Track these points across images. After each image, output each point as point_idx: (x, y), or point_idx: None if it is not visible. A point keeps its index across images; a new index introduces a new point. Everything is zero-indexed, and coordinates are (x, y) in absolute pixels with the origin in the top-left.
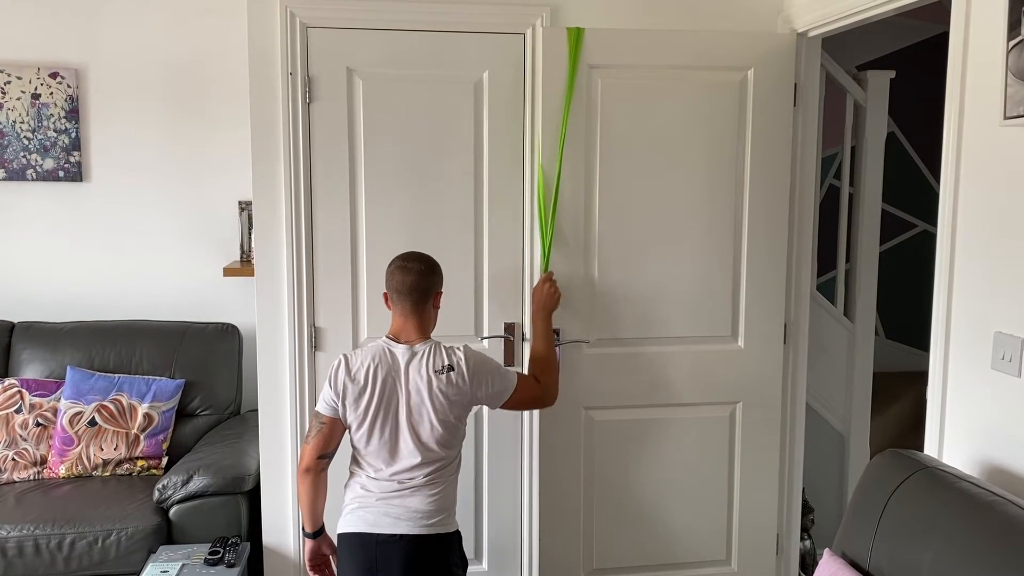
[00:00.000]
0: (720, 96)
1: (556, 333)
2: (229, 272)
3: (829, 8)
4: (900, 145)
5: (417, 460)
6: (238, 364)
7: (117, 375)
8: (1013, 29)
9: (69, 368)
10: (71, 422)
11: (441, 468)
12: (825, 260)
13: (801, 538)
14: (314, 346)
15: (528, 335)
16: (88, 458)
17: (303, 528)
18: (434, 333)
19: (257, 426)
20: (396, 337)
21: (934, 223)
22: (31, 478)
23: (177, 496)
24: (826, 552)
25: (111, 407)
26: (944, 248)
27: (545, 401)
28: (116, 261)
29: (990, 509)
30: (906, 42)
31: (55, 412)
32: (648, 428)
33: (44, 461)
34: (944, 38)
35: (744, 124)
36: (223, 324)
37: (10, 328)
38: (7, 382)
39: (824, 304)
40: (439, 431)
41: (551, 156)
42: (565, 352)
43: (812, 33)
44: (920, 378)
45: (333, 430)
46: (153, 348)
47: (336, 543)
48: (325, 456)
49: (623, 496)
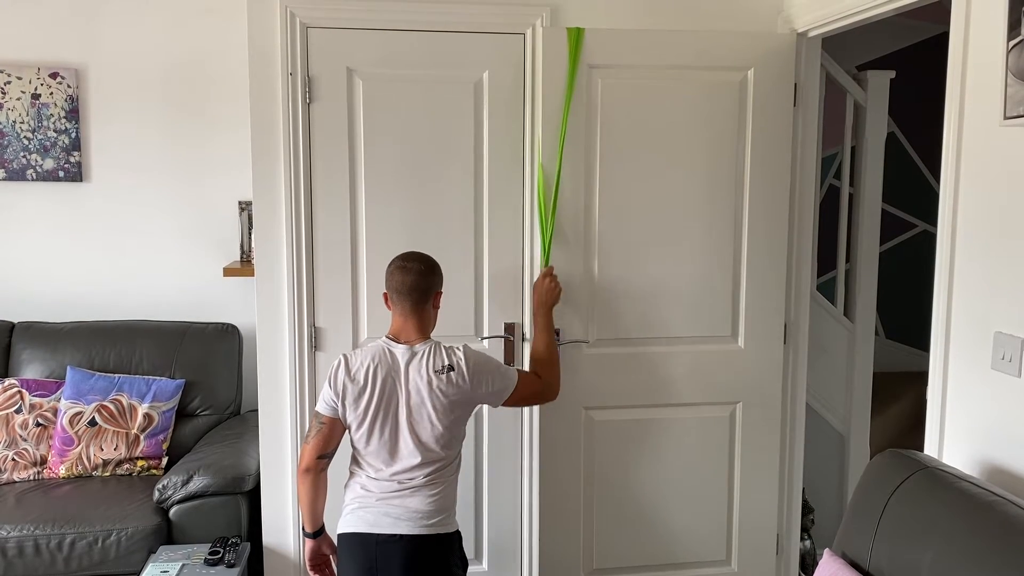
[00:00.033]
0: (720, 96)
1: (556, 333)
2: (229, 272)
3: (829, 8)
4: (900, 145)
5: (417, 460)
6: (238, 364)
7: (117, 375)
8: (1013, 29)
9: (69, 368)
10: (71, 422)
11: (441, 468)
12: (825, 260)
13: (801, 538)
14: (314, 346)
15: (528, 335)
16: (88, 458)
17: (303, 528)
18: (434, 333)
19: (257, 426)
20: (396, 337)
21: (934, 223)
22: (31, 478)
23: (177, 496)
24: (826, 552)
25: (111, 407)
26: (944, 248)
27: (546, 396)
28: (116, 261)
29: (990, 509)
30: (906, 42)
31: (55, 412)
32: (648, 428)
33: (44, 461)
34: (944, 38)
35: (744, 124)
36: (223, 324)
37: (10, 328)
38: (7, 382)
39: (824, 304)
40: (439, 431)
41: (551, 156)
42: (565, 352)
43: (812, 33)
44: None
45: (333, 430)
46: (153, 348)
47: (336, 543)
48: (325, 456)
49: (623, 496)
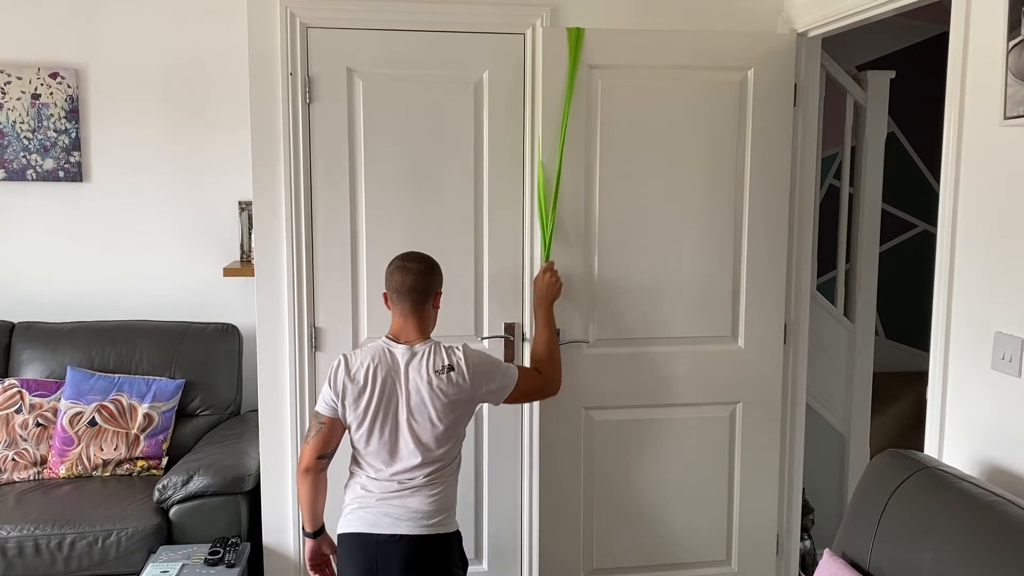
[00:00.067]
0: (720, 96)
1: (556, 333)
2: (229, 272)
3: (829, 8)
4: (900, 145)
5: (417, 460)
6: (238, 364)
7: (117, 375)
8: (1013, 29)
9: (69, 368)
10: (71, 422)
11: (441, 468)
12: (825, 260)
13: (801, 538)
14: (314, 346)
15: (528, 335)
16: (88, 458)
17: (303, 528)
18: (434, 333)
19: (257, 426)
20: (396, 337)
21: (934, 223)
22: (31, 478)
23: (177, 496)
24: (826, 552)
25: (111, 407)
26: (944, 248)
27: (548, 392)
28: (116, 261)
29: (990, 509)
30: (906, 42)
31: (55, 412)
32: (648, 428)
33: (44, 461)
34: (944, 38)
35: (744, 124)
36: (223, 324)
37: (10, 328)
38: (7, 382)
39: (824, 304)
40: (439, 431)
41: (551, 156)
42: (565, 352)
43: (812, 33)
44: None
45: (332, 430)
46: (153, 348)
47: (336, 543)
48: (325, 456)
49: (623, 496)
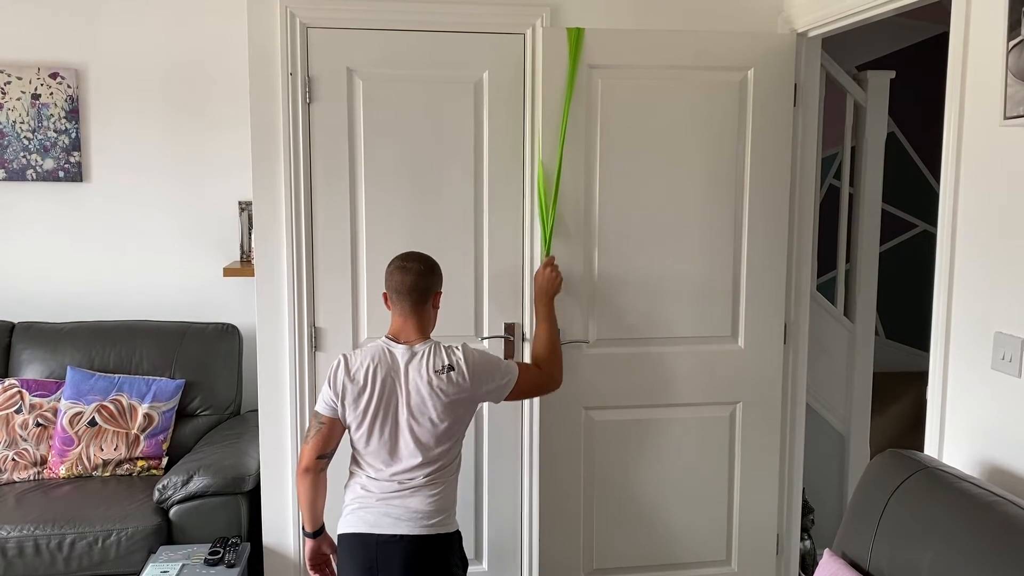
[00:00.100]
0: (720, 96)
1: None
2: (229, 272)
3: (829, 8)
4: (900, 145)
5: (417, 460)
6: (238, 364)
7: (117, 375)
8: (1013, 29)
9: (69, 368)
10: (71, 422)
11: (441, 468)
12: (825, 260)
13: (801, 538)
14: (314, 346)
15: (528, 335)
16: (88, 458)
17: (303, 528)
18: (434, 333)
19: (257, 426)
20: (396, 337)
21: (934, 223)
22: (31, 478)
23: (177, 496)
24: (826, 552)
25: (111, 407)
26: (944, 248)
27: (548, 387)
28: (116, 261)
29: (990, 509)
30: (906, 42)
31: (55, 412)
32: (648, 428)
33: (44, 461)
34: (944, 38)
35: (744, 124)
36: (223, 324)
37: (10, 328)
38: (7, 382)
39: (824, 304)
40: (440, 431)
41: (551, 156)
42: (565, 352)
43: (812, 33)
44: (920, 378)
45: (332, 430)
46: (153, 348)
47: (336, 543)
48: (324, 456)
49: (623, 496)
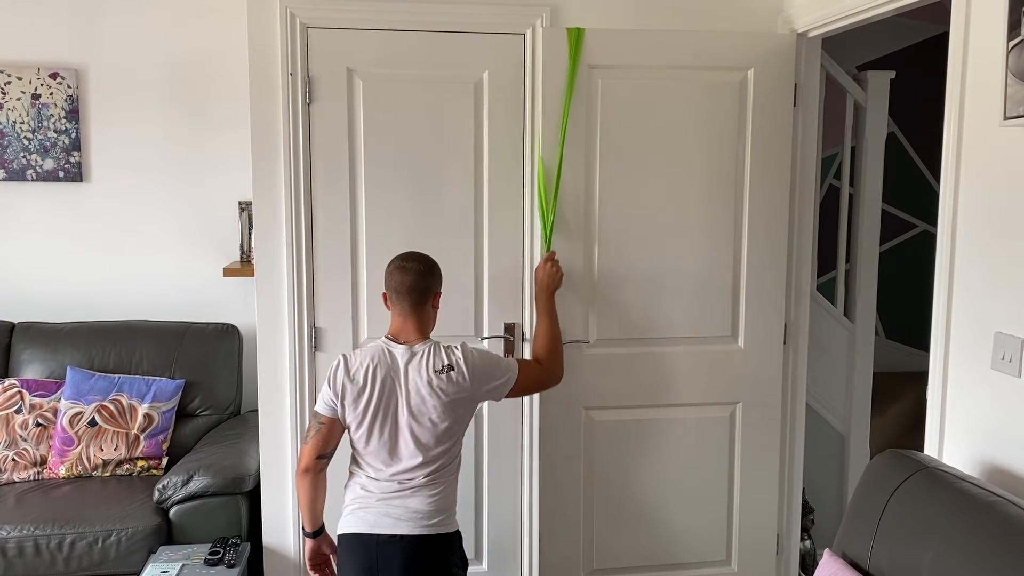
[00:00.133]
0: (720, 96)
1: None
2: (229, 272)
3: (829, 8)
4: (900, 145)
5: (417, 460)
6: (238, 364)
7: (117, 375)
8: (1013, 29)
9: (69, 368)
10: (71, 422)
11: (441, 468)
12: (825, 260)
13: (801, 538)
14: (314, 346)
15: (528, 335)
16: (88, 458)
17: (303, 528)
18: (434, 333)
19: (257, 426)
20: (395, 337)
21: (934, 223)
22: (31, 478)
23: (177, 496)
24: (826, 552)
25: (111, 407)
26: (944, 248)
27: (549, 382)
28: (116, 261)
29: (990, 509)
30: (906, 42)
31: (55, 412)
32: (648, 428)
33: (44, 461)
34: (944, 38)
35: (744, 124)
36: (223, 324)
37: (10, 328)
38: (7, 382)
39: (824, 304)
40: (440, 431)
41: (551, 157)
42: (565, 352)
43: (812, 33)
44: (920, 378)
45: (332, 430)
46: (153, 348)
47: (336, 543)
48: (324, 456)
49: (623, 496)
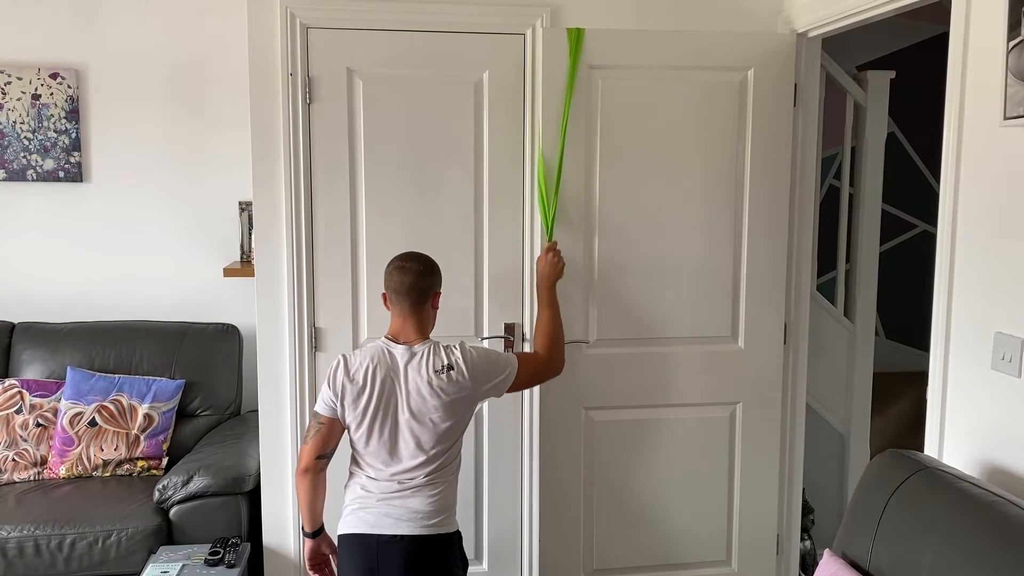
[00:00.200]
0: (720, 96)
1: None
2: (229, 272)
3: (829, 8)
4: (900, 145)
5: (417, 460)
6: (238, 364)
7: (117, 375)
8: (1013, 29)
9: (69, 368)
10: (71, 422)
11: (441, 468)
12: (825, 260)
13: (801, 538)
14: (314, 346)
15: (528, 335)
16: (88, 458)
17: (303, 528)
18: (434, 333)
19: (257, 426)
20: (395, 337)
21: (934, 223)
22: (31, 478)
23: (177, 496)
24: (826, 552)
25: (111, 407)
26: (944, 248)
27: (550, 372)
28: (116, 261)
29: (990, 509)
30: (906, 42)
31: (55, 412)
32: (648, 428)
33: (44, 462)
34: (944, 38)
35: (744, 124)
36: (223, 324)
37: (10, 328)
38: (7, 382)
39: (824, 304)
40: (440, 431)
41: (551, 157)
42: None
43: (812, 33)
44: (920, 378)
45: (332, 430)
46: (153, 348)
47: (336, 543)
48: (324, 456)
49: (623, 496)
